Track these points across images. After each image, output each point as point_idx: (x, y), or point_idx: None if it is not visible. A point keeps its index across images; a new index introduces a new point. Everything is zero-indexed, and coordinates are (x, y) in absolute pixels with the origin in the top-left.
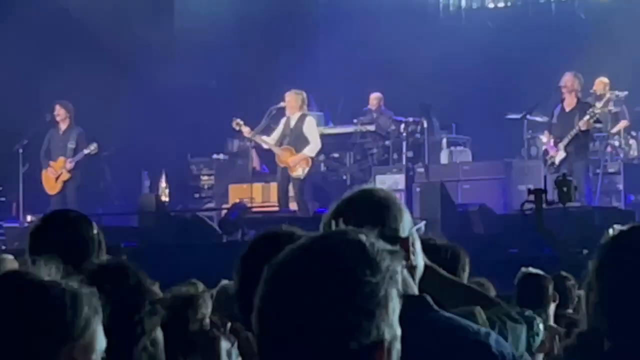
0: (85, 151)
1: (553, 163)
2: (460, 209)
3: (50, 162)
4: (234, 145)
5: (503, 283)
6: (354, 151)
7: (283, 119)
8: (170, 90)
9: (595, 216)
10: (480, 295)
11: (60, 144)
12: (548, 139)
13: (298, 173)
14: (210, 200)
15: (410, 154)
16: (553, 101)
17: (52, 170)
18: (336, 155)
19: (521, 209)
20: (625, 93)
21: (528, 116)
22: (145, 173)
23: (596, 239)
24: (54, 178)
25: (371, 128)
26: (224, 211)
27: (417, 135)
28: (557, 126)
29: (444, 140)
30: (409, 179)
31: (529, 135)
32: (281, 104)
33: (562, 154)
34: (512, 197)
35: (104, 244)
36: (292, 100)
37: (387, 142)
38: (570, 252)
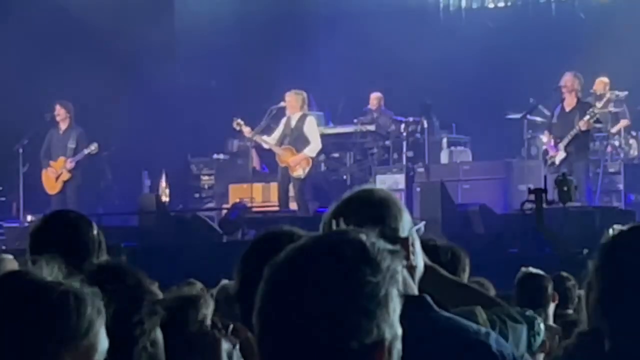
0: (86, 151)
1: (553, 163)
2: (461, 209)
3: (51, 162)
4: (234, 145)
5: (503, 283)
6: (354, 151)
7: (283, 118)
8: (170, 90)
9: (596, 216)
10: (481, 295)
11: (60, 144)
12: (548, 139)
13: (298, 173)
14: (211, 200)
15: (410, 153)
16: (553, 101)
17: (52, 170)
18: (336, 155)
19: (521, 209)
20: (625, 93)
21: (528, 116)
22: (146, 173)
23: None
24: (54, 178)
25: (371, 128)
26: (224, 211)
27: (417, 135)
28: (557, 126)
29: (444, 140)
30: (409, 178)
31: (529, 135)
32: (281, 104)
33: (563, 154)
34: (512, 197)
35: (104, 245)
36: (293, 100)
37: (388, 142)
38: (571, 252)
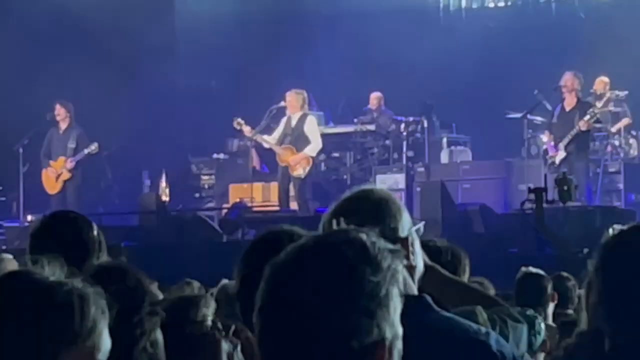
0: (86, 151)
1: (553, 162)
2: (461, 209)
3: (51, 162)
4: (234, 144)
5: (503, 282)
6: (355, 151)
7: (284, 118)
8: (170, 90)
9: (596, 215)
10: (481, 295)
11: (60, 144)
12: (548, 139)
13: (299, 172)
14: (211, 199)
15: (410, 153)
16: (553, 101)
17: (53, 170)
18: (336, 154)
19: (521, 208)
20: (625, 92)
21: (528, 115)
22: (146, 172)
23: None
24: (54, 177)
25: (371, 127)
26: (225, 211)
27: (418, 134)
28: (558, 126)
29: (444, 139)
30: (409, 178)
31: (529, 135)
32: (281, 104)
33: (563, 154)
34: (513, 197)
35: (104, 245)
36: (293, 99)
37: (388, 142)
38: (571, 251)
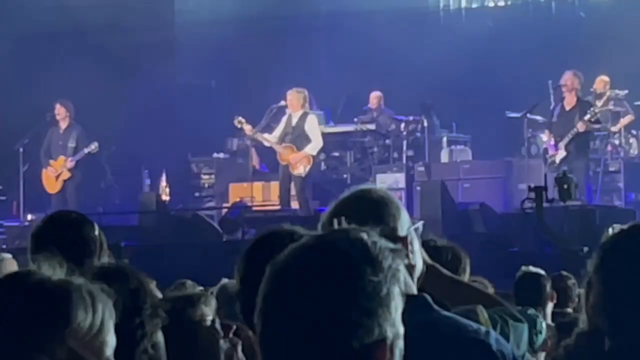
0: (86, 150)
1: (554, 162)
2: (461, 208)
3: (51, 161)
4: (234, 144)
5: (504, 282)
6: (355, 150)
7: (284, 117)
8: (170, 89)
9: (596, 215)
10: (482, 294)
11: (60, 143)
12: (548, 138)
13: (299, 171)
14: (211, 199)
15: (410, 152)
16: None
17: (53, 169)
18: (336, 154)
19: (521, 208)
20: (625, 92)
21: (528, 115)
22: (146, 172)
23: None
24: (55, 177)
25: (371, 127)
26: (225, 210)
27: (418, 134)
28: (558, 125)
29: (444, 139)
30: (409, 177)
31: (529, 134)
32: (282, 103)
33: (563, 153)
34: (513, 196)
35: (105, 245)
36: (294, 98)
37: (388, 141)
38: (571, 250)
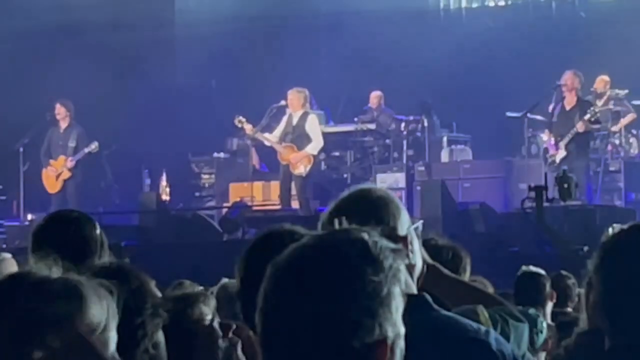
0: (86, 150)
1: (554, 161)
2: (461, 208)
3: (51, 161)
4: (234, 143)
5: (504, 281)
6: (355, 150)
7: (285, 116)
8: (170, 89)
9: (596, 214)
10: (483, 293)
11: (60, 143)
12: (548, 138)
13: (300, 170)
14: (211, 198)
15: (410, 152)
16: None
17: (53, 169)
18: (337, 153)
19: (522, 207)
20: (625, 91)
21: (528, 114)
22: (146, 172)
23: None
24: (55, 177)
25: (372, 126)
26: (225, 210)
27: (418, 133)
28: (558, 125)
29: (445, 138)
30: (410, 177)
31: (529, 134)
32: (282, 103)
33: (563, 153)
34: (513, 196)
35: (106, 245)
36: (295, 98)
37: (388, 141)
38: (571, 250)
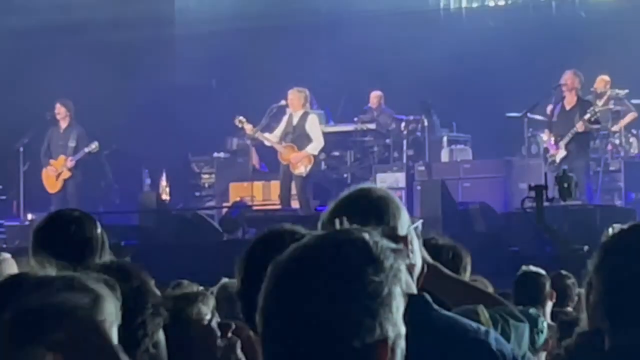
0: (86, 149)
1: (554, 161)
2: (461, 207)
3: (51, 161)
4: (234, 143)
5: (504, 281)
6: (355, 149)
7: (285, 116)
8: (170, 88)
9: (596, 214)
10: (483, 293)
11: (60, 143)
12: (548, 137)
13: (300, 170)
14: (211, 198)
15: (410, 152)
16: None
17: (53, 169)
18: (337, 153)
19: (522, 207)
20: (625, 91)
21: (528, 114)
22: (146, 171)
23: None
24: (55, 176)
25: (372, 126)
26: (225, 209)
27: (418, 133)
28: (558, 124)
29: (445, 138)
30: (410, 177)
31: (529, 134)
32: (282, 102)
33: (563, 152)
34: (513, 195)
35: (107, 244)
36: (295, 98)
37: (388, 141)
38: (571, 249)
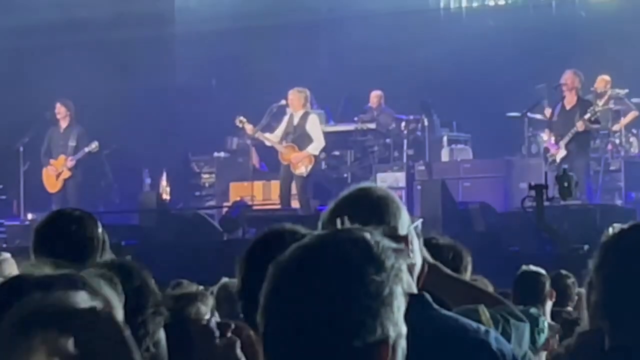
0: (86, 149)
1: (554, 161)
2: (461, 207)
3: (51, 160)
4: (234, 143)
5: (504, 281)
6: (355, 149)
7: (285, 116)
8: (170, 88)
9: (596, 214)
10: (484, 293)
11: (60, 142)
12: (548, 137)
13: (301, 170)
14: (211, 198)
15: (410, 151)
16: (554, 99)
17: (53, 169)
18: (337, 153)
19: (522, 206)
20: (626, 91)
21: (528, 114)
22: (146, 171)
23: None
24: (55, 176)
25: (372, 126)
26: (225, 209)
27: (418, 133)
28: (558, 124)
29: (445, 138)
30: (410, 176)
31: (529, 133)
32: (282, 102)
33: (563, 152)
34: (513, 195)
35: (107, 243)
36: (295, 98)
37: (388, 140)
38: (571, 249)
